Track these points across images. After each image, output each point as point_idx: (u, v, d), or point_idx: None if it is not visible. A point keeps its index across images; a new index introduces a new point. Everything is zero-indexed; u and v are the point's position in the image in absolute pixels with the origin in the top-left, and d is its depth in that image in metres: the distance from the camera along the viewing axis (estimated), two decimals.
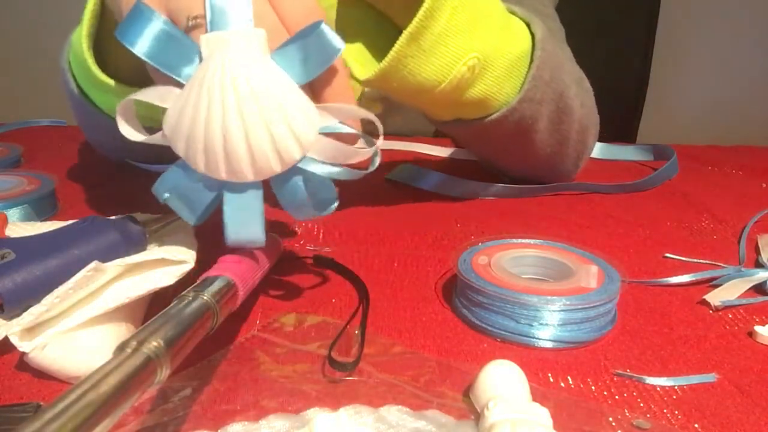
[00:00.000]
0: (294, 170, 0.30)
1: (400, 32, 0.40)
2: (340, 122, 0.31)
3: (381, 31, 0.40)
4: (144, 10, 0.29)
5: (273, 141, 0.28)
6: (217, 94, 0.28)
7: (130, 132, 0.31)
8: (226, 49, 0.28)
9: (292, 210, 0.31)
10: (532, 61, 0.48)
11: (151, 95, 0.30)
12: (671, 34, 1.33)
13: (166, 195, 0.31)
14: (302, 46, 0.29)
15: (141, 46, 0.29)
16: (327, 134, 0.30)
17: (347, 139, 0.31)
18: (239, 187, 0.30)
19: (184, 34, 0.30)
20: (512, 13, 0.49)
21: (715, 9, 1.45)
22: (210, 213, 0.32)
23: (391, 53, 0.40)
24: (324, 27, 0.29)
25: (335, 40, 0.30)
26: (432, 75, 0.42)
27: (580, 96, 0.56)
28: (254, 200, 0.30)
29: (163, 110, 0.30)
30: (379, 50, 0.42)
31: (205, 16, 0.29)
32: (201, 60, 0.29)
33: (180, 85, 0.29)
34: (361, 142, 0.31)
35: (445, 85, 0.43)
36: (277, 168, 0.29)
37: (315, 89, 0.31)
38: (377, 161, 0.33)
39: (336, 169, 0.30)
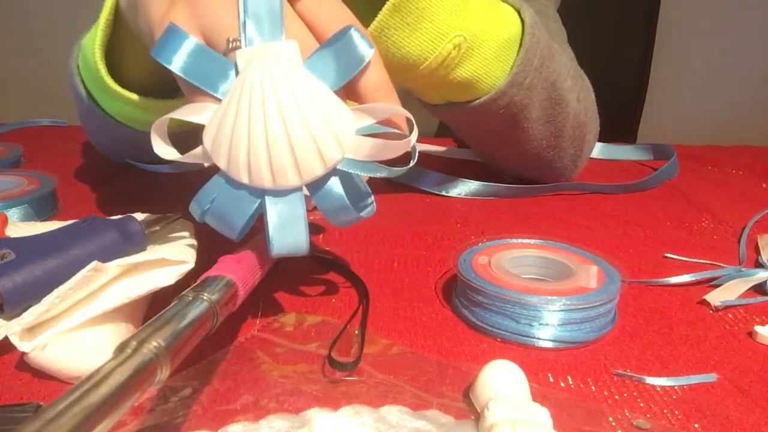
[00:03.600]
0: (332, 172, 0.30)
1: None
2: (377, 122, 0.31)
3: (373, 5, 0.40)
4: (177, 31, 0.30)
5: (315, 143, 0.29)
6: (258, 102, 0.28)
7: (165, 151, 0.32)
8: (263, 60, 0.29)
9: (333, 215, 0.31)
10: (521, 45, 0.48)
11: (187, 113, 0.30)
12: (671, 34, 1.33)
13: (206, 209, 0.31)
14: (333, 52, 0.30)
15: (177, 63, 0.29)
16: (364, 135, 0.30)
17: (386, 138, 0.31)
18: (282, 195, 0.30)
19: (217, 52, 0.30)
20: (504, 1, 0.49)
21: (715, 9, 1.45)
22: (248, 228, 0.32)
23: (374, 22, 0.40)
24: (353, 32, 0.30)
25: (365, 43, 0.30)
26: (417, 50, 0.42)
27: (576, 91, 0.56)
28: (297, 206, 0.30)
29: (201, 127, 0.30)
30: (368, 24, 0.42)
31: (239, 35, 0.29)
32: (237, 75, 0.29)
33: (216, 101, 0.30)
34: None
35: (431, 62, 0.43)
36: (319, 170, 0.29)
37: (351, 89, 0.31)
38: (416, 156, 0.33)
39: (375, 168, 0.30)
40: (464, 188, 0.59)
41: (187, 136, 0.32)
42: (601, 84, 0.62)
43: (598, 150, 0.76)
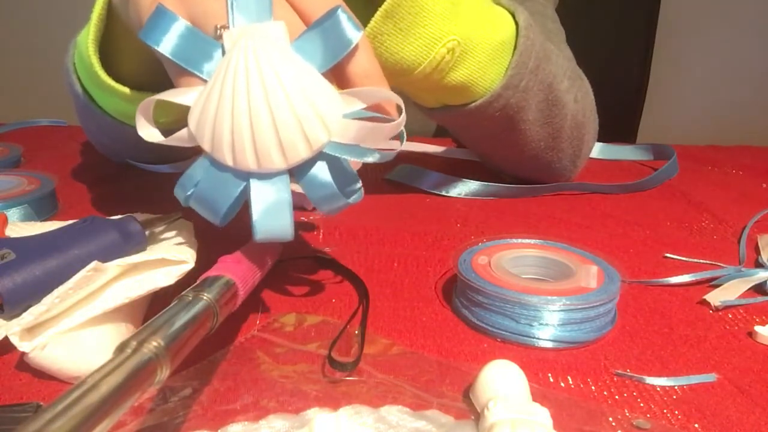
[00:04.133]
0: (319, 156, 0.30)
1: None
2: (366, 107, 0.30)
3: (368, 10, 0.40)
4: (166, 12, 0.30)
5: (300, 125, 0.28)
6: (242, 83, 0.28)
7: (150, 134, 0.32)
8: (249, 41, 0.28)
9: (320, 201, 0.31)
10: (515, 48, 0.48)
11: (173, 94, 0.30)
12: (671, 34, 1.33)
13: (190, 192, 0.31)
14: (320, 34, 0.29)
15: (165, 45, 0.29)
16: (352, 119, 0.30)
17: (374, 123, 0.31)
18: (267, 178, 0.29)
19: (205, 33, 0.30)
20: (498, 3, 0.49)
21: (715, 9, 1.45)
22: (233, 214, 0.31)
23: (367, 28, 0.40)
24: (340, 14, 0.30)
25: (352, 25, 0.30)
26: (411, 55, 0.42)
27: (574, 92, 0.56)
28: (282, 190, 0.30)
29: (186, 109, 0.30)
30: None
31: (227, 18, 0.29)
32: (223, 56, 0.29)
33: (203, 83, 0.30)
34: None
35: (425, 66, 0.43)
36: (304, 153, 0.29)
37: (341, 74, 0.31)
38: (404, 139, 0.32)
39: (363, 152, 0.30)
40: (464, 188, 0.59)
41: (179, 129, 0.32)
42: (601, 84, 0.62)
43: (598, 150, 0.76)
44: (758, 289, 0.40)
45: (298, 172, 0.30)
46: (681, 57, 1.47)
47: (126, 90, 0.39)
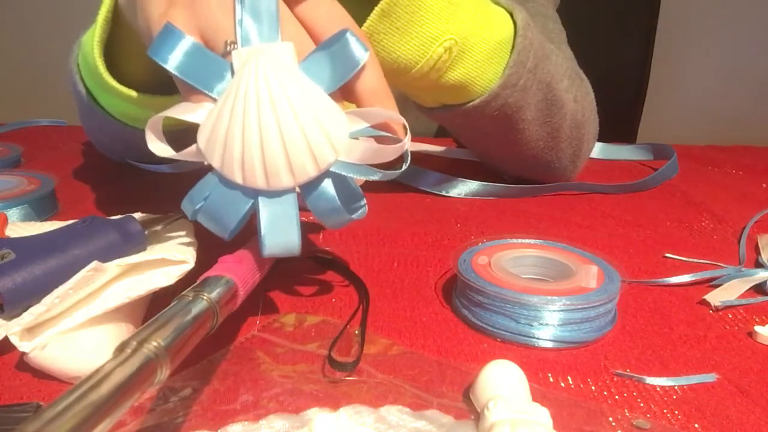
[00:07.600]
0: (325, 174, 0.30)
1: None
2: (370, 126, 0.31)
3: (364, 9, 0.40)
4: (174, 30, 0.30)
5: (309, 146, 0.29)
6: (253, 103, 0.28)
7: (160, 148, 0.32)
8: (258, 61, 0.29)
9: (325, 217, 0.31)
10: (513, 47, 0.48)
11: (181, 111, 0.30)
12: (671, 34, 1.33)
13: (198, 207, 0.31)
14: (328, 56, 0.30)
15: (173, 63, 0.30)
16: (358, 138, 0.30)
17: (381, 142, 0.31)
18: (275, 195, 0.30)
19: (215, 48, 0.30)
20: (496, 3, 0.49)
21: (715, 9, 1.45)
22: (240, 228, 0.32)
23: (364, 27, 0.40)
24: (348, 36, 0.30)
25: (360, 47, 0.30)
26: (407, 54, 0.42)
27: (573, 91, 0.56)
28: (290, 207, 0.30)
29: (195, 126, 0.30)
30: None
31: (235, 37, 0.30)
32: (233, 75, 0.30)
33: (212, 101, 0.30)
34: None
35: (423, 65, 0.43)
36: (312, 172, 0.30)
37: (348, 90, 0.31)
38: (408, 160, 0.33)
39: (368, 171, 0.31)
40: (464, 188, 0.59)
41: (186, 135, 0.32)
42: (601, 84, 0.62)
43: (598, 150, 0.76)
44: (758, 289, 0.40)
45: (304, 188, 0.31)
46: (681, 57, 1.47)
47: (133, 93, 0.39)
